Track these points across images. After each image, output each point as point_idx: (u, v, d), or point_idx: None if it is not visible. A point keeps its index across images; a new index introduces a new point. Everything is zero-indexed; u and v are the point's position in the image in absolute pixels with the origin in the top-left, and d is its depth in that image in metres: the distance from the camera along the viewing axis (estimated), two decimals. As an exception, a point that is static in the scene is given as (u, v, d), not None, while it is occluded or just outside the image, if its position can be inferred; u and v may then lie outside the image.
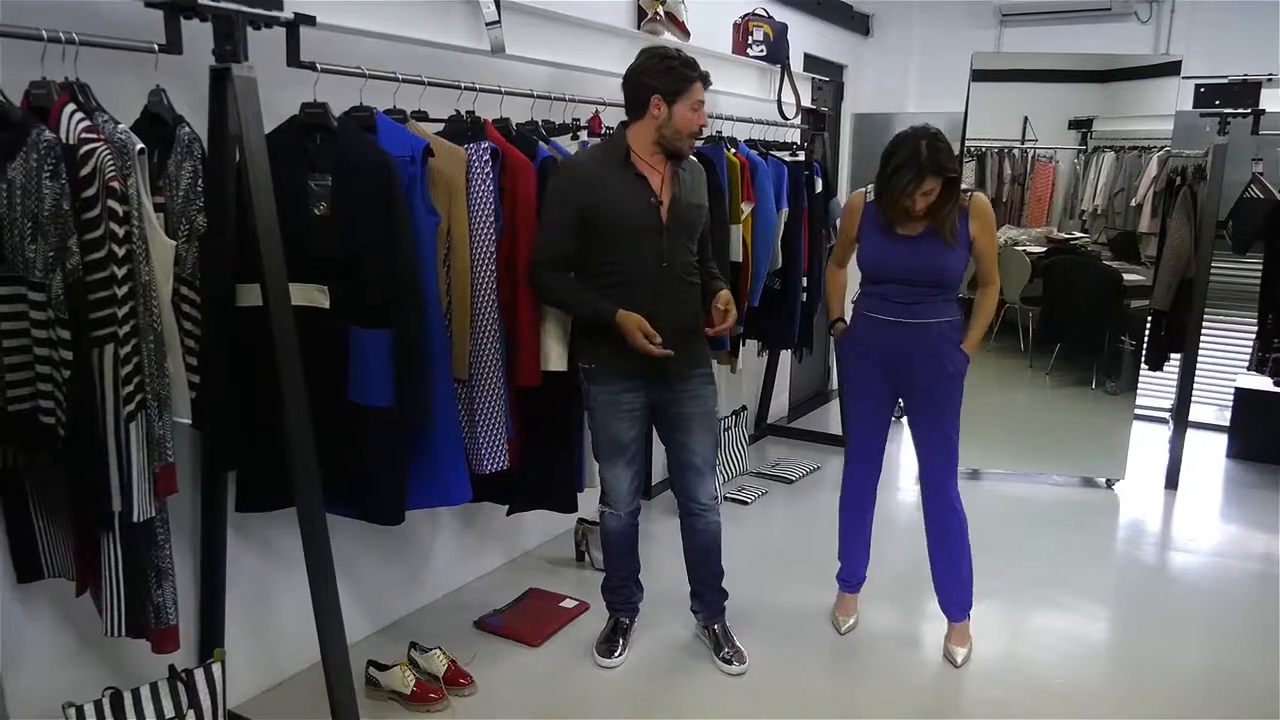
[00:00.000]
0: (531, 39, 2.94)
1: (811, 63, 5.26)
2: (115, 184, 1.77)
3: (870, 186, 2.81)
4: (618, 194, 2.56)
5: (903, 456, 4.63)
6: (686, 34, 3.66)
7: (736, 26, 4.17)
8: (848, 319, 2.97)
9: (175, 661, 2.20)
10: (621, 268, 2.58)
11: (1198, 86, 4.34)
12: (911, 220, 2.70)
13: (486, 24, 2.68)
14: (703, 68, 2.64)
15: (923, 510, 2.97)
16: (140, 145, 1.83)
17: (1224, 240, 4.51)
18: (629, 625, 2.99)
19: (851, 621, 3.14)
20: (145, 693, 2.17)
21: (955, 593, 3.00)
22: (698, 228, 2.74)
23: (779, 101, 4.25)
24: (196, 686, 2.23)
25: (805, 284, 4.25)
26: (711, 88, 3.85)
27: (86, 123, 1.79)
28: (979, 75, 4.42)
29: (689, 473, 2.82)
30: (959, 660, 2.94)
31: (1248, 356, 4.82)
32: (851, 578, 3.17)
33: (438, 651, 2.72)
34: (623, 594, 2.98)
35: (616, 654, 2.89)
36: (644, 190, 2.58)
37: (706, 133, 3.83)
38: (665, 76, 2.53)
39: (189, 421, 2.05)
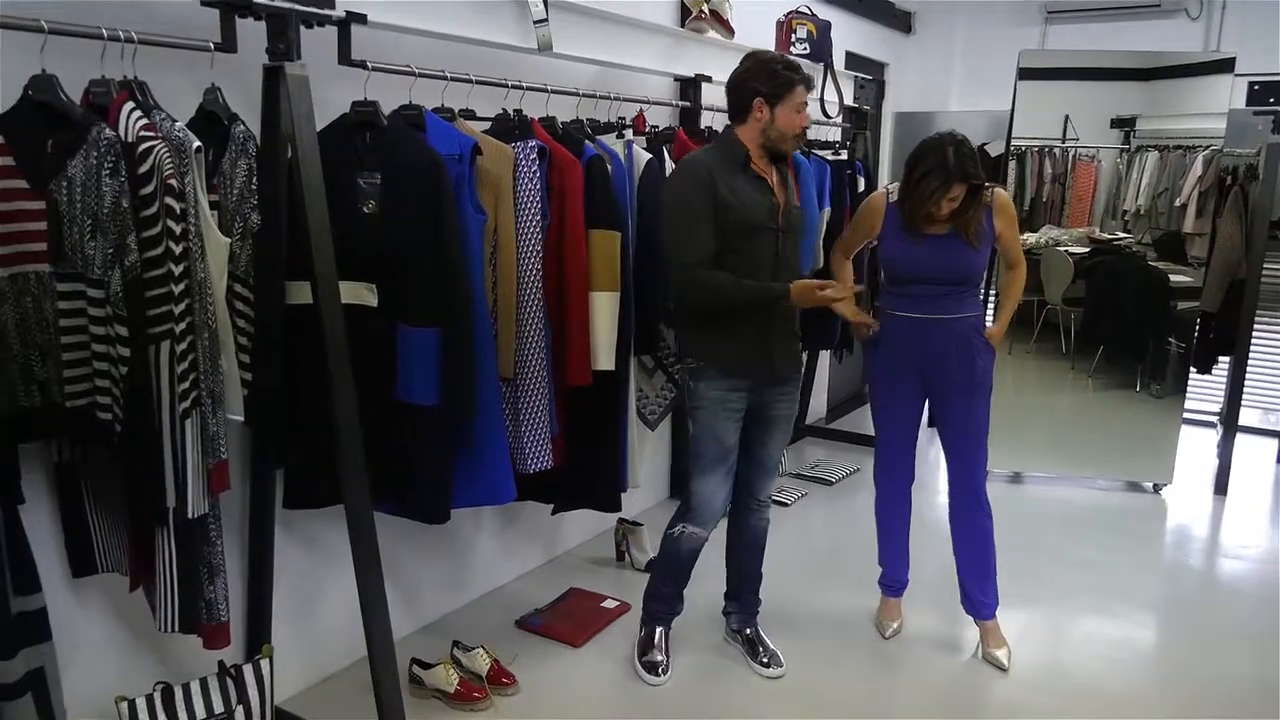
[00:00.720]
0: (577, 37, 2.93)
1: (853, 61, 5.22)
2: (173, 182, 1.77)
3: (892, 186, 2.82)
4: (743, 194, 2.52)
5: (935, 457, 4.58)
6: (731, 32, 3.64)
7: (780, 25, 4.14)
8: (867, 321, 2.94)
9: (224, 657, 2.22)
10: (740, 269, 2.52)
11: (1251, 84, 4.26)
12: (935, 223, 2.70)
13: (534, 22, 2.67)
14: (809, 74, 2.60)
15: (949, 508, 2.95)
16: (197, 143, 1.84)
17: (1276, 241, 4.40)
18: (667, 634, 2.90)
19: (895, 626, 3.10)
20: (195, 688, 2.18)
21: (984, 591, 2.97)
22: (804, 229, 2.75)
23: (822, 100, 4.21)
24: (245, 682, 2.24)
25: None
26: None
27: (145, 121, 1.81)
28: (1026, 73, 4.35)
29: (759, 470, 2.81)
30: (1005, 663, 2.90)
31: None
32: (894, 582, 3.14)
33: (481, 650, 2.72)
34: (668, 603, 2.89)
35: (663, 671, 2.80)
36: (765, 192, 2.56)
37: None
38: (769, 80, 2.51)
39: (242, 419, 2.06)
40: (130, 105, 1.83)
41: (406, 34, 2.45)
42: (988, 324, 2.93)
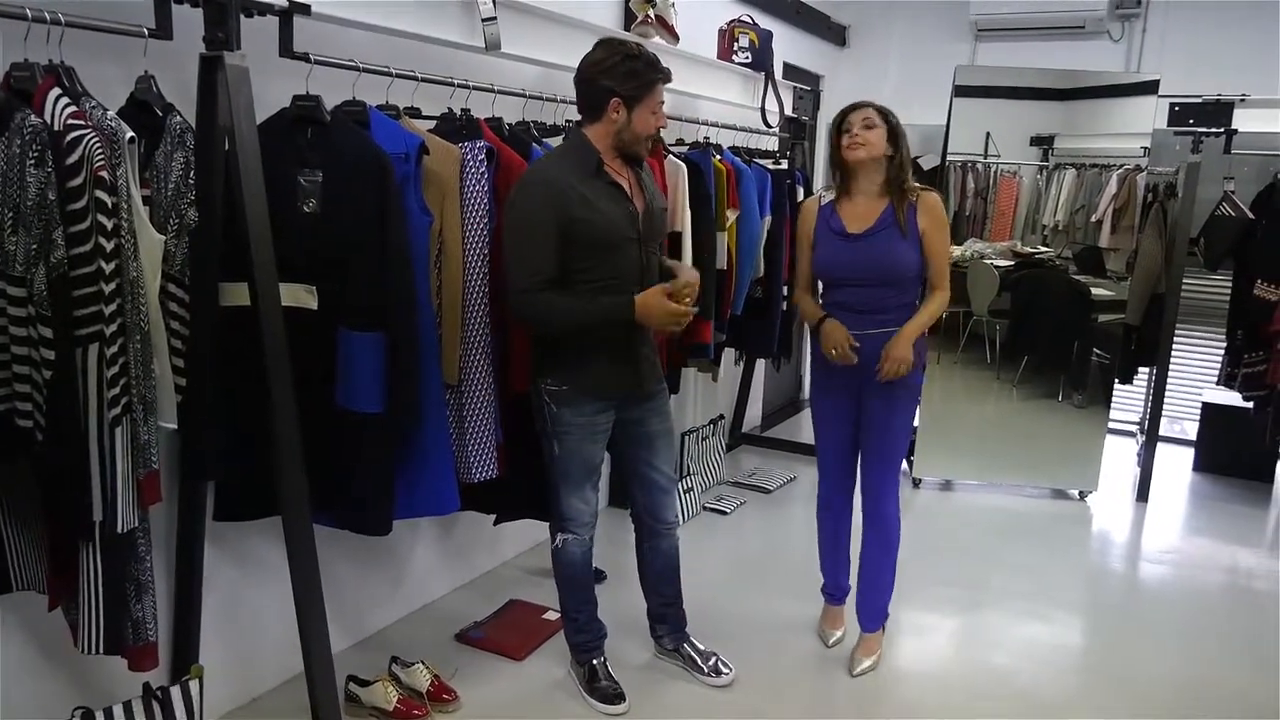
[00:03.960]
0: (524, 38, 2.87)
1: (790, 72, 5.25)
2: (104, 174, 1.67)
3: (822, 191, 2.83)
4: (599, 206, 2.35)
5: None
6: (676, 38, 3.62)
7: (722, 32, 4.14)
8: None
9: (149, 679, 2.09)
10: (604, 283, 2.38)
11: (1172, 105, 4.41)
12: (861, 208, 2.69)
13: (482, 20, 2.61)
14: (671, 69, 2.45)
15: (863, 523, 2.91)
16: (130, 134, 1.74)
17: (1195, 257, 4.57)
18: (605, 661, 2.75)
19: (839, 634, 3.09)
20: (118, 712, 2.05)
21: (869, 605, 2.97)
22: (664, 233, 2.60)
23: (763, 109, 4.23)
24: (173, 705, 2.12)
25: (786, 292, 4.23)
26: (697, 94, 3.87)
27: (73, 108, 1.69)
28: (961, 90, 4.44)
29: (656, 493, 2.70)
30: (855, 669, 2.90)
31: (1215, 371, 4.90)
32: (836, 590, 3.13)
33: (420, 666, 2.63)
34: (593, 630, 2.75)
35: (620, 698, 2.66)
36: (621, 200, 2.41)
37: (693, 138, 3.82)
38: (626, 79, 2.31)
39: (175, 426, 1.94)
40: (57, 91, 1.72)
41: (351, 28, 2.36)
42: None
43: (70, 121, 1.66)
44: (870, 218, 2.70)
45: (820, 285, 2.89)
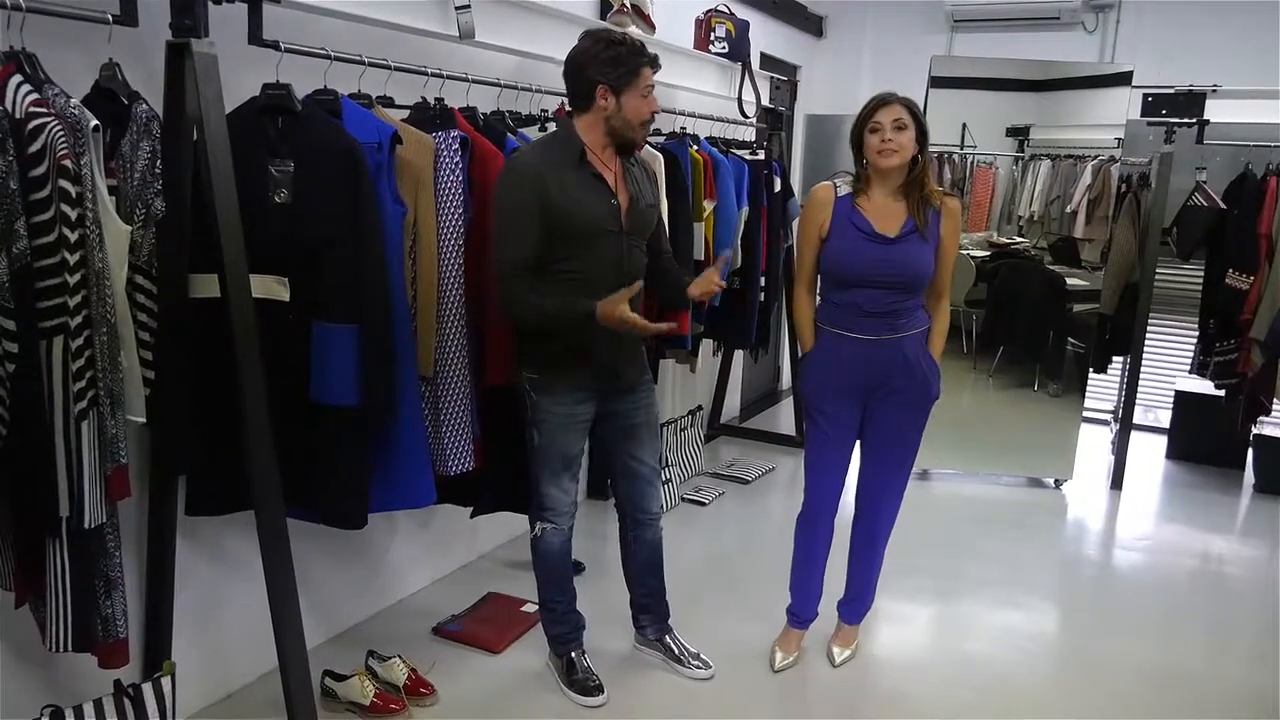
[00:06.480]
0: (498, 26, 2.85)
1: (767, 62, 5.25)
2: (67, 162, 1.64)
3: (838, 180, 2.63)
4: (578, 195, 2.33)
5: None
6: (652, 27, 3.61)
7: (699, 22, 4.13)
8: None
9: (120, 676, 2.06)
10: (580, 274, 2.36)
11: (1145, 96, 4.44)
12: (886, 208, 2.55)
13: (456, 8, 2.58)
14: (651, 51, 2.41)
15: (854, 523, 2.88)
16: (95, 122, 1.70)
17: (1168, 247, 4.61)
18: (584, 654, 2.74)
19: (791, 660, 2.88)
20: (89, 710, 2.02)
21: (858, 599, 2.95)
22: (651, 229, 2.56)
23: (739, 99, 4.22)
24: (144, 702, 2.09)
25: (763, 283, 4.23)
26: (673, 84, 3.86)
27: (35, 96, 1.66)
28: (937, 81, 4.44)
29: (640, 484, 2.69)
30: (836, 660, 2.90)
31: (1188, 360, 4.95)
32: (804, 615, 2.93)
33: (397, 660, 2.62)
34: (571, 622, 2.73)
35: (599, 690, 2.65)
36: (603, 191, 2.38)
37: (670, 128, 3.81)
38: (609, 66, 2.31)
39: (143, 420, 1.91)
40: (18, 78, 1.68)
41: (321, 15, 2.33)
42: None
43: (32, 109, 1.63)
44: (898, 219, 2.55)
45: (825, 280, 2.69)
